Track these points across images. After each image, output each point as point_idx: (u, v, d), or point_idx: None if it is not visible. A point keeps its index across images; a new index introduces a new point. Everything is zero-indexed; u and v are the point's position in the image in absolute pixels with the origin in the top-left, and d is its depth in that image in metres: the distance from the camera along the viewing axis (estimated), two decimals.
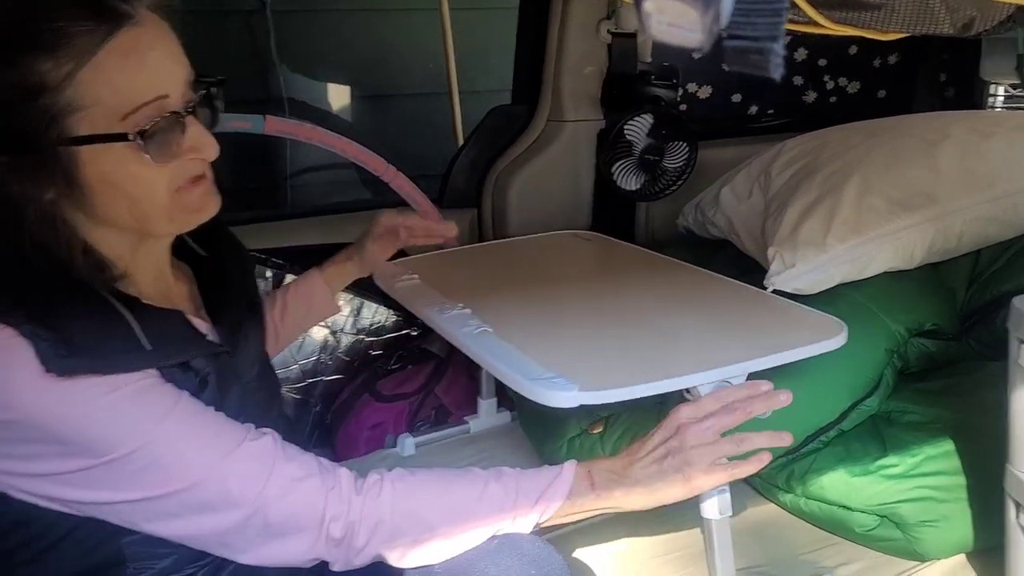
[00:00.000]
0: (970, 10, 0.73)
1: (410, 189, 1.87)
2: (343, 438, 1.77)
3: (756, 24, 0.41)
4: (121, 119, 0.82)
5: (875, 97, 2.30)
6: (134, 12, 0.82)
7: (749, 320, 1.20)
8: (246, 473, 0.88)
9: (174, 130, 0.85)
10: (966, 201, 1.45)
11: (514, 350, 1.09)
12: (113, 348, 0.84)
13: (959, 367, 1.48)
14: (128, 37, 0.82)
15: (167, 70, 0.85)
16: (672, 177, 1.88)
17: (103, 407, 0.82)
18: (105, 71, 0.80)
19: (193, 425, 0.87)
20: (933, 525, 1.30)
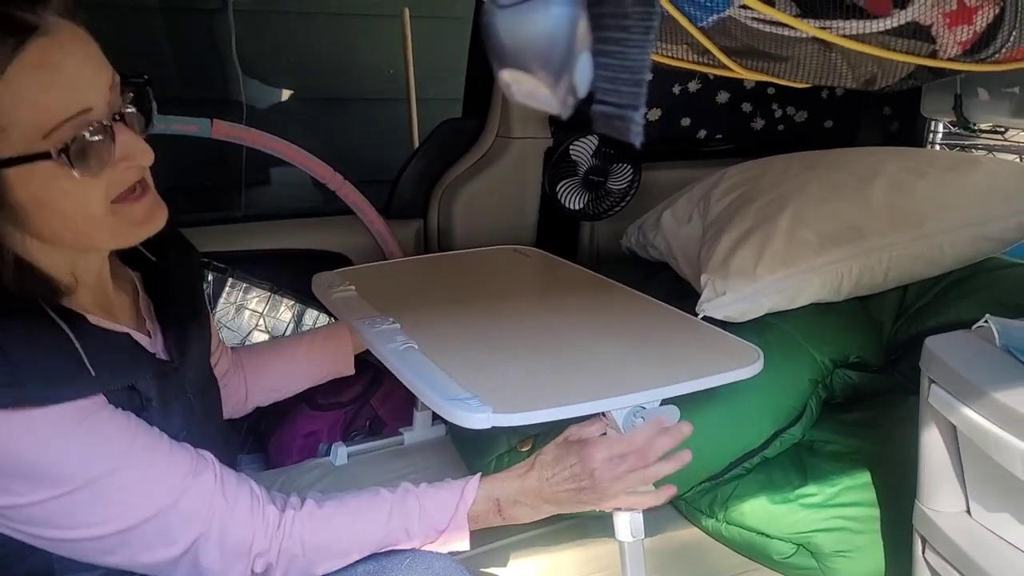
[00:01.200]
0: (871, 67, 0.75)
1: (356, 198, 1.87)
2: (276, 445, 1.77)
3: (621, 92, 0.42)
4: (43, 137, 0.79)
5: (822, 127, 2.34)
6: (40, 22, 0.78)
7: (671, 346, 1.22)
8: (188, 516, 0.89)
9: (102, 141, 0.82)
10: (894, 239, 1.48)
11: (436, 369, 1.10)
12: (57, 374, 0.82)
13: (883, 400, 1.51)
14: (37, 50, 0.77)
15: (86, 80, 0.81)
16: (616, 198, 1.90)
17: (49, 440, 0.80)
18: (17, 88, 0.76)
19: (139, 462, 0.86)
20: (846, 556, 1.33)
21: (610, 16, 0.41)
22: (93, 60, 0.83)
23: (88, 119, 0.81)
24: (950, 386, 1.08)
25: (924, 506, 1.17)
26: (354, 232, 1.90)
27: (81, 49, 0.82)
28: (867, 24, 0.70)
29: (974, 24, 0.71)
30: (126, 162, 0.85)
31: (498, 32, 0.36)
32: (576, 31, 0.36)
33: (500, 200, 1.95)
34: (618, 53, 0.41)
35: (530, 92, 0.38)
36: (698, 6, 0.73)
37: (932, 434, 1.14)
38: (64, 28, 0.81)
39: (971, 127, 1.87)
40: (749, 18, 0.72)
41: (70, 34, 0.81)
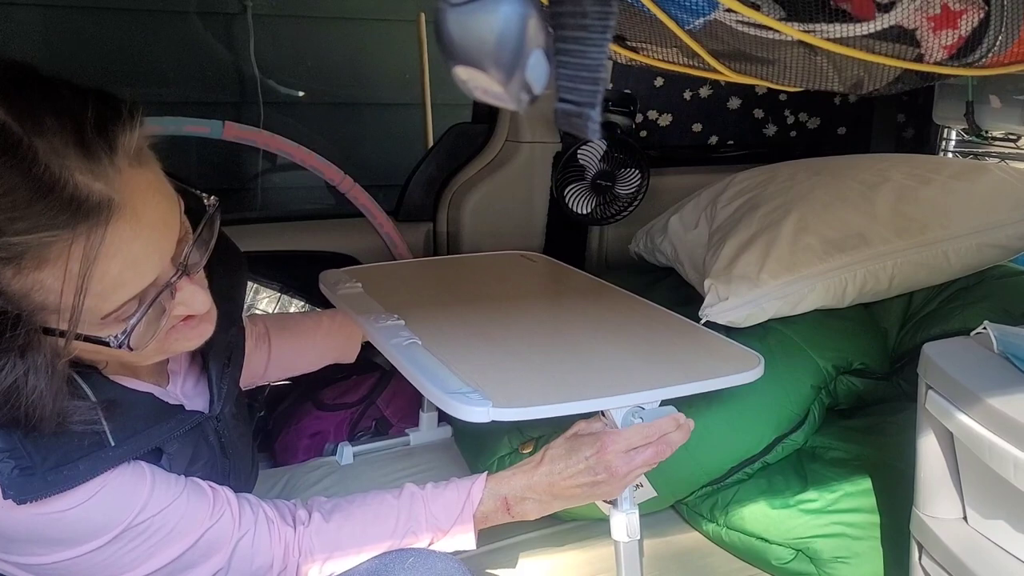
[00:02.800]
0: (858, 71, 0.75)
1: (365, 200, 1.89)
2: (282, 445, 1.78)
3: (580, 90, 0.43)
4: (101, 318, 0.73)
5: (835, 134, 2.33)
6: (112, 191, 0.68)
7: (672, 349, 1.22)
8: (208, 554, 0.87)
9: (162, 304, 0.77)
10: (898, 245, 1.48)
11: (438, 364, 1.11)
12: (73, 451, 0.76)
13: (886, 407, 1.51)
14: (108, 236, 0.68)
15: (156, 250, 0.74)
16: (624, 203, 1.91)
17: (67, 513, 0.77)
18: (85, 283, 0.68)
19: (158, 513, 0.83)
20: (845, 562, 1.32)
21: (569, 15, 0.42)
22: (165, 220, 0.74)
23: (153, 288, 0.75)
24: (947, 392, 1.07)
25: (921, 512, 1.16)
26: (363, 234, 1.91)
27: (153, 213, 0.73)
28: (851, 27, 0.71)
29: (959, 28, 0.71)
30: (182, 311, 0.80)
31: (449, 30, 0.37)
32: (526, 29, 0.37)
33: (509, 204, 1.96)
34: (578, 52, 0.42)
35: (485, 89, 0.39)
36: (684, 9, 0.74)
37: (929, 440, 1.13)
38: (138, 185, 0.71)
39: (983, 134, 1.85)
40: (735, 21, 0.73)
41: (143, 194, 0.72)
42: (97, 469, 0.78)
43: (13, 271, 0.67)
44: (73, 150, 0.66)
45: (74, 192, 0.66)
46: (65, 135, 0.66)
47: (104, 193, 0.68)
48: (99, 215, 0.67)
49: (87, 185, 0.67)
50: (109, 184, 0.68)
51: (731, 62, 0.80)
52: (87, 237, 0.67)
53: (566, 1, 0.42)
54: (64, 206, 0.66)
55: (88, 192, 0.67)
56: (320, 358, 1.41)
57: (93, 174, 0.67)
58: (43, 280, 0.68)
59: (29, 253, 0.66)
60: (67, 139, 0.66)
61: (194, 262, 0.79)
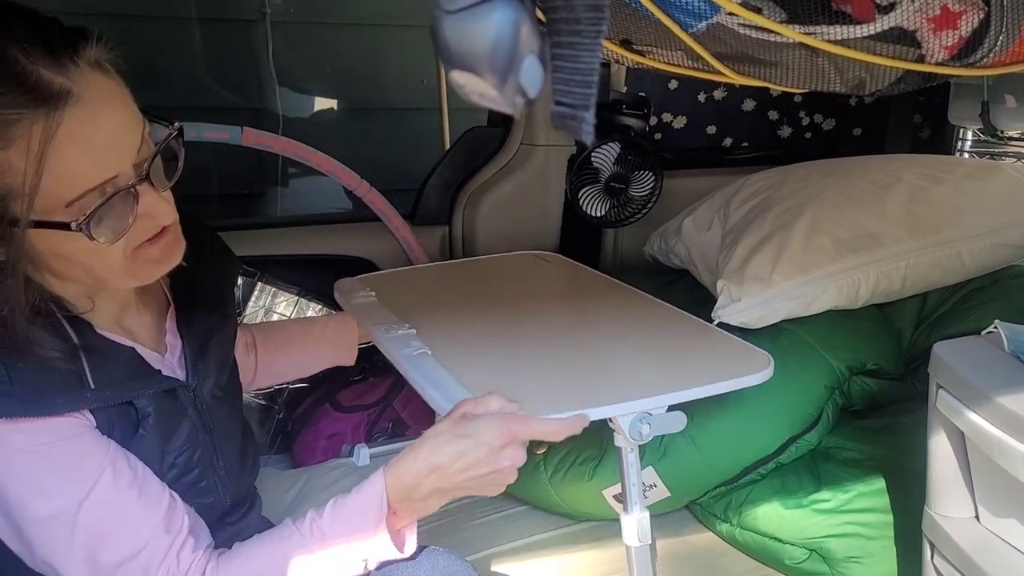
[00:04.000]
0: (859, 72, 0.76)
1: (382, 205, 1.91)
2: (300, 446, 1.80)
3: (574, 93, 0.44)
4: (65, 206, 0.77)
5: (850, 135, 2.33)
6: (72, 84, 0.75)
7: (683, 352, 1.23)
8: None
9: (124, 205, 0.80)
10: (910, 245, 1.48)
11: (446, 374, 1.12)
12: (53, 384, 0.80)
13: (900, 407, 1.51)
14: (70, 120, 0.75)
15: (115, 147, 0.79)
16: (637, 205, 1.92)
17: (29, 463, 0.79)
18: (44, 160, 0.74)
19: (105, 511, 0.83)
20: (859, 561, 1.32)
21: (563, 21, 0.43)
22: (125, 121, 0.80)
23: (113, 185, 0.79)
24: (958, 391, 1.08)
25: (933, 512, 1.17)
26: (380, 238, 1.93)
27: (114, 112, 0.79)
28: (852, 29, 0.71)
29: (959, 29, 0.72)
30: (147, 220, 0.84)
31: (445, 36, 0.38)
32: (519, 35, 0.38)
33: (524, 207, 1.98)
34: (571, 56, 0.43)
35: (481, 93, 0.40)
36: (687, 13, 0.75)
37: (940, 440, 1.13)
38: (97, 87, 0.77)
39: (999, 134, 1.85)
40: (737, 24, 0.74)
41: (103, 94, 0.78)
42: (73, 404, 0.81)
43: None
44: (40, 51, 0.75)
45: (38, 80, 0.74)
46: (34, 41, 0.75)
47: (65, 85, 0.75)
48: (58, 101, 0.74)
49: (50, 77, 0.74)
50: (70, 79, 0.75)
51: (735, 64, 0.81)
52: (47, 119, 0.74)
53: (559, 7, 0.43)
54: (27, 90, 0.73)
55: (50, 81, 0.74)
56: (314, 363, 1.40)
57: (55, 70, 0.75)
58: (10, 159, 0.74)
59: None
60: (36, 43, 0.75)
61: (158, 177, 0.84)
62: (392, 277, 1.64)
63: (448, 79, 0.40)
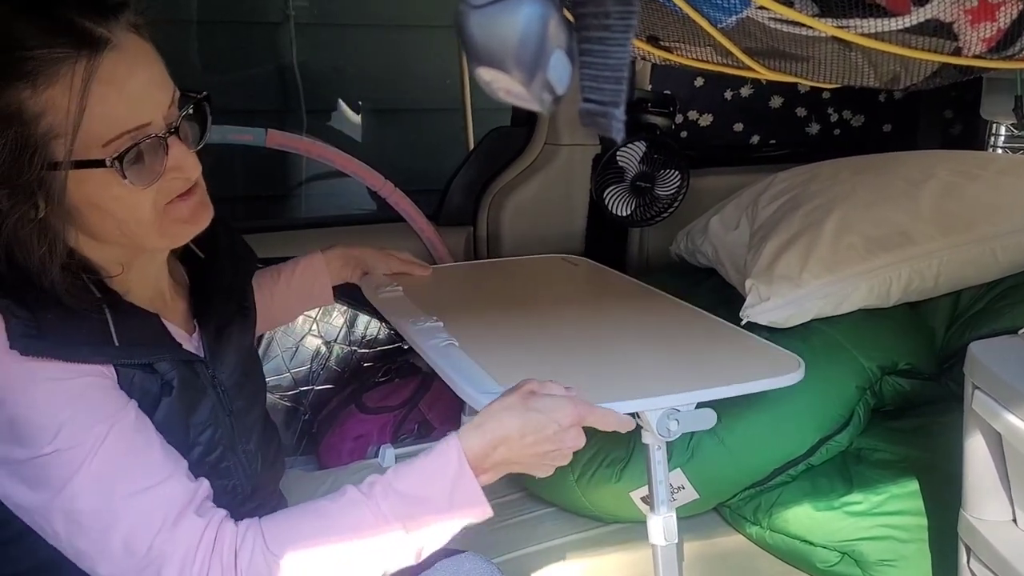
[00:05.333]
0: (894, 66, 0.74)
1: (406, 205, 1.90)
2: (326, 447, 1.80)
3: (603, 89, 0.43)
4: (102, 146, 0.83)
5: (880, 131, 2.30)
6: (112, 36, 0.83)
7: (710, 352, 1.22)
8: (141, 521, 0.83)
9: (155, 153, 0.86)
10: (944, 243, 1.45)
11: (473, 364, 1.12)
12: (80, 336, 0.84)
13: (934, 408, 1.48)
14: (107, 64, 0.82)
15: (148, 96, 0.86)
16: (664, 204, 1.90)
17: (50, 395, 0.82)
18: (85, 100, 0.81)
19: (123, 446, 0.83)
20: (892, 565, 1.30)
21: (592, 16, 0.42)
22: (157, 77, 0.87)
23: (145, 132, 0.85)
24: (994, 392, 1.05)
25: (969, 515, 1.14)
26: (405, 239, 1.93)
27: (147, 66, 0.86)
28: (886, 22, 0.70)
29: (997, 20, 0.70)
30: (175, 173, 0.89)
31: (472, 32, 0.37)
32: (547, 30, 0.37)
33: (549, 207, 1.97)
34: (600, 52, 0.42)
35: (508, 90, 0.39)
36: (716, 8, 0.73)
37: (977, 441, 1.11)
38: (133, 43, 0.85)
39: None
40: (768, 18, 0.73)
41: (138, 50, 0.85)
42: (99, 355, 0.85)
43: (31, 90, 0.80)
44: (88, 6, 0.83)
45: (81, 28, 0.81)
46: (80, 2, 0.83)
47: (105, 35, 0.82)
48: (99, 46, 0.81)
49: (92, 26, 0.82)
50: (110, 31, 0.83)
51: (765, 60, 0.79)
52: (88, 59, 0.81)
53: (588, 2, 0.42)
54: (71, 35, 0.81)
55: (92, 30, 0.82)
56: (289, 308, 1.45)
57: (96, 21, 0.82)
58: (54, 98, 0.81)
59: (43, 70, 0.80)
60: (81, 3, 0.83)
61: (185, 133, 0.90)
62: None
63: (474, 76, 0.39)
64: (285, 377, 1.90)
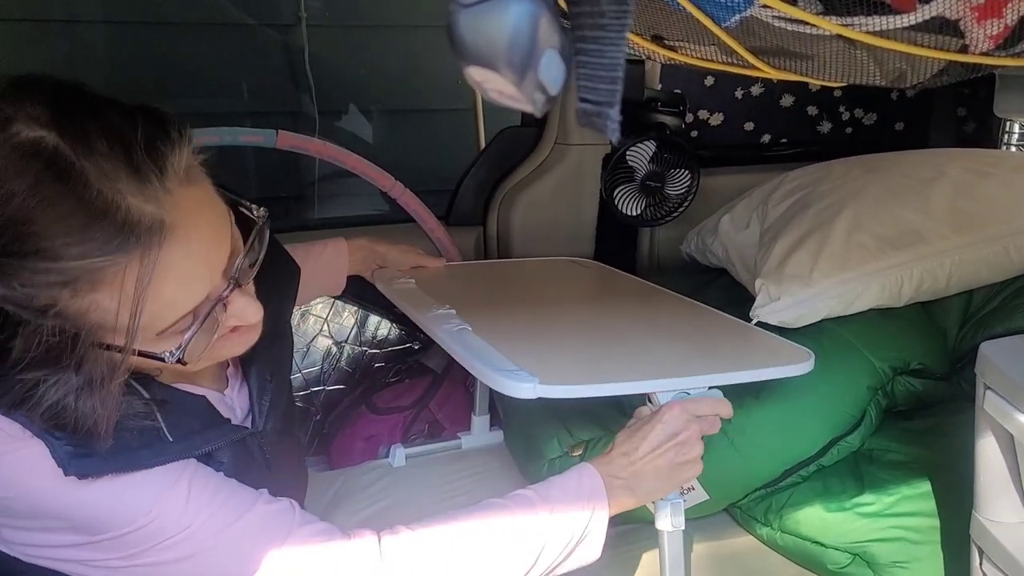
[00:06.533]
0: (900, 64, 0.74)
1: (416, 206, 1.90)
2: (338, 448, 1.81)
3: (598, 89, 0.43)
4: (156, 335, 0.75)
5: (892, 129, 2.28)
6: (165, 212, 0.70)
7: (721, 343, 1.23)
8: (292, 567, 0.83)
9: (215, 317, 0.78)
10: (956, 242, 1.44)
11: (487, 346, 1.12)
12: (134, 442, 0.77)
13: (946, 408, 1.47)
14: (161, 259, 0.70)
15: (208, 267, 0.75)
16: (674, 204, 1.89)
17: (112, 491, 0.76)
18: (138, 304, 0.70)
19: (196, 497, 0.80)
20: (904, 567, 1.29)
21: (587, 15, 0.42)
22: (216, 238, 0.76)
23: (206, 306, 0.77)
24: (1006, 392, 1.04)
25: (981, 516, 1.13)
26: (415, 239, 1.92)
27: (205, 234, 0.75)
28: (891, 20, 0.69)
29: (1004, 17, 0.69)
30: (234, 321, 0.82)
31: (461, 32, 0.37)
32: (537, 29, 0.37)
33: (559, 207, 1.96)
34: (596, 51, 0.42)
35: (499, 90, 0.39)
36: (720, 6, 0.73)
37: (988, 442, 1.10)
38: (188, 206, 0.72)
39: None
40: (771, 17, 0.72)
41: (194, 215, 0.73)
42: (158, 457, 0.78)
43: (70, 293, 0.69)
44: (124, 173, 0.68)
45: (126, 216, 0.68)
46: (115, 158, 0.68)
47: (156, 215, 0.69)
48: (152, 238, 0.69)
49: (139, 208, 0.68)
50: (160, 206, 0.70)
51: (770, 58, 0.79)
52: (140, 260, 0.69)
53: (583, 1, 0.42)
54: (117, 231, 0.67)
55: (140, 215, 0.68)
56: (307, 293, 1.39)
57: (144, 196, 0.69)
58: (99, 301, 0.70)
59: (84, 277, 0.68)
60: (118, 162, 0.68)
61: (244, 274, 0.81)
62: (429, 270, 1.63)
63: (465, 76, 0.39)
64: (296, 377, 1.91)
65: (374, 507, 1.54)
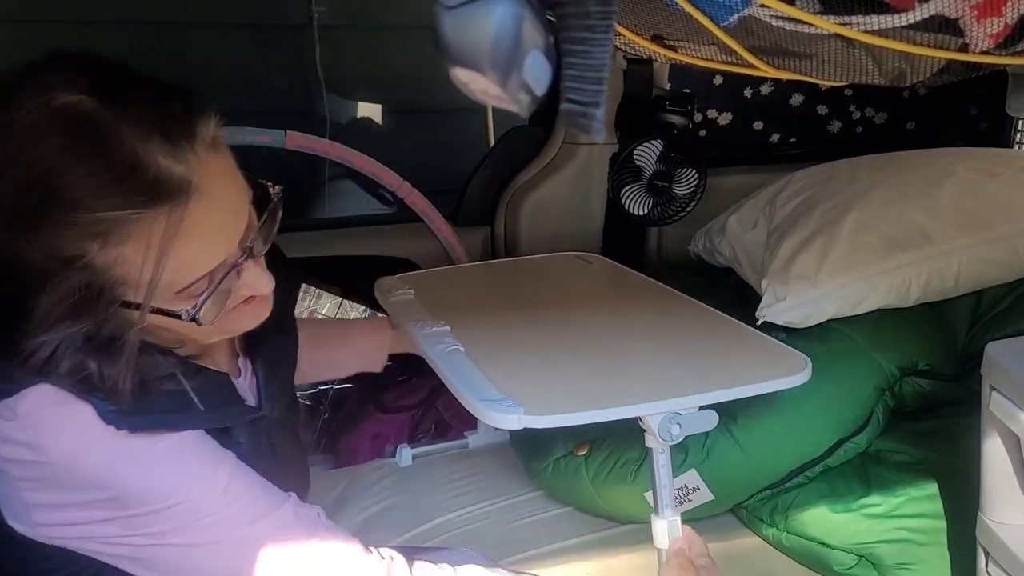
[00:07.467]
0: (899, 63, 0.74)
1: (424, 206, 1.91)
2: (344, 446, 1.82)
3: (585, 90, 0.43)
4: (175, 293, 0.78)
5: (903, 128, 2.27)
6: (192, 173, 0.74)
7: (716, 353, 1.21)
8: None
9: (228, 283, 0.81)
10: (963, 241, 1.43)
11: (476, 371, 1.12)
12: (167, 405, 0.81)
13: (954, 409, 1.46)
14: (187, 216, 0.74)
15: (227, 233, 0.80)
16: (681, 203, 1.89)
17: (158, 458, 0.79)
18: (162, 259, 0.74)
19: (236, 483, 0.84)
20: (910, 568, 1.29)
21: (574, 16, 0.42)
22: (237, 206, 0.81)
23: (222, 270, 0.80)
24: (1012, 394, 1.04)
25: (987, 518, 1.13)
26: (423, 239, 1.94)
27: (227, 200, 0.79)
28: (889, 19, 0.69)
29: (1004, 16, 0.69)
30: (247, 291, 0.86)
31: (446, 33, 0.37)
32: (521, 31, 0.37)
33: (566, 206, 1.96)
34: (582, 52, 0.42)
35: (484, 91, 0.39)
36: (718, 6, 0.73)
37: (994, 443, 1.09)
38: (213, 169, 0.77)
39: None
40: (770, 16, 0.72)
41: (219, 181, 0.78)
42: (190, 421, 0.82)
43: (99, 245, 0.73)
44: (156, 135, 0.73)
45: (157, 174, 0.72)
46: (149, 122, 0.73)
47: (184, 176, 0.73)
48: (179, 196, 0.73)
49: (168, 168, 0.73)
50: (188, 168, 0.74)
51: (769, 57, 0.79)
52: (168, 216, 0.73)
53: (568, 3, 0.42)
54: (148, 186, 0.72)
55: (170, 174, 0.73)
56: (345, 367, 1.44)
57: (174, 158, 0.73)
58: (125, 255, 0.74)
59: (115, 229, 0.72)
60: (151, 126, 0.73)
61: (258, 247, 0.85)
62: (431, 276, 1.64)
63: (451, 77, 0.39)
64: None
65: (379, 506, 1.55)
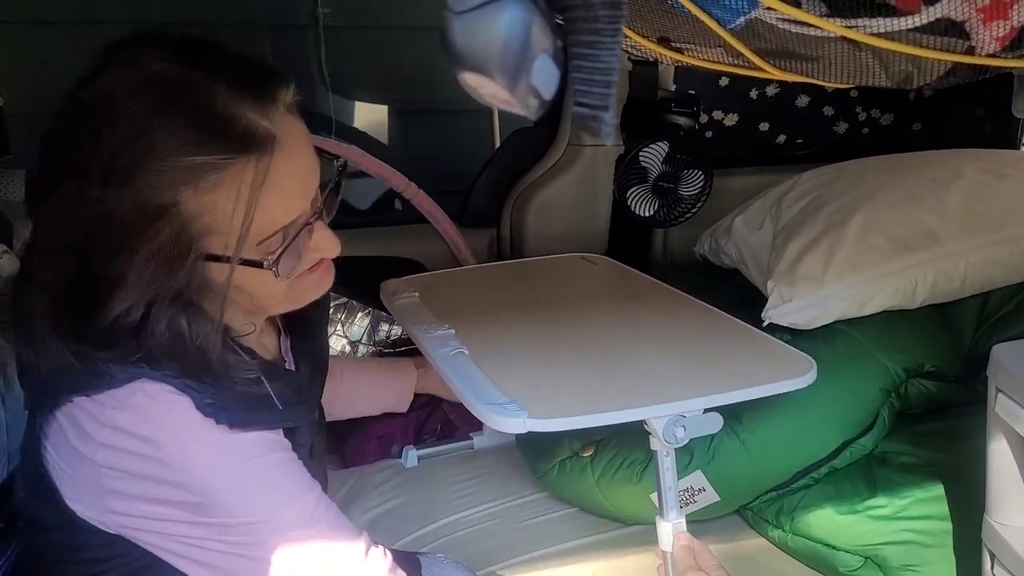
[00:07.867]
0: (905, 65, 0.74)
1: (429, 207, 1.91)
2: (351, 447, 1.81)
3: (593, 93, 0.44)
4: (256, 244, 0.82)
5: (909, 130, 2.27)
6: (276, 130, 0.79)
7: (721, 355, 1.21)
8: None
9: (302, 244, 0.86)
10: (970, 243, 1.43)
11: (480, 375, 1.12)
12: (254, 403, 0.86)
13: (960, 411, 1.46)
14: (272, 167, 0.79)
15: (303, 189, 0.84)
16: (687, 205, 1.89)
17: (248, 470, 0.83)
18: (252, 207, 0.79)
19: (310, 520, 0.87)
20: (915, 570, 1.28)
21: (581, 20, 0.42)
22: (311, 166, 0.86)
23: (296, 225, 0.84)
24: (1018, 395, 1.04)
25: (992, 520, 1.12)
26: (429, 240, 1.94)
27: (303, 155, 0.84)
28: (896, 22, 0.69)
29: (1011, 19, 0.69)
30: (316, 253, 0.90)
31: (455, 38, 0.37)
32: (530, 35, 0.37)
33: (572, 207, 1.96)
34: (591, 56, 0.42)
35: (493, 94, 0.40)
36: (725, 8, 0.73)
37: (1000, 445, 1.09)
38: (292, 130, 0.82)
39: None
40: (776, 19, 0.72)
41: (296, 138, 0.83)
42: (278, 420, 0.87)
43: (192, 191, 0.77)
44: (246, 95, 0.79)
45: (247, 125, 0.78)
46: (237, 84, 0.79)
47: (270, 130, 0.79)
48: (265, 147, 0.79)
49: (256, 122, 0.79)
50: (273, 124, 0.80)
51: (776, 60, 0.79)
52: (256, 164, 0.79)
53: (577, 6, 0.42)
54: (239, 136, 0.78)
55: (257, 127, 0.79)
56: (362, 408, 1.48)
57: (261, 114, 0.79)
58: (216, 202, 0.79)
59: (207, 175, 0.77)
60: (240, 86, 0.79)
61: (328, 209, 0.91)
62: (437, 278, 1.64)
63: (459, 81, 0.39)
64: None
65: (385, 506, 1.55)
